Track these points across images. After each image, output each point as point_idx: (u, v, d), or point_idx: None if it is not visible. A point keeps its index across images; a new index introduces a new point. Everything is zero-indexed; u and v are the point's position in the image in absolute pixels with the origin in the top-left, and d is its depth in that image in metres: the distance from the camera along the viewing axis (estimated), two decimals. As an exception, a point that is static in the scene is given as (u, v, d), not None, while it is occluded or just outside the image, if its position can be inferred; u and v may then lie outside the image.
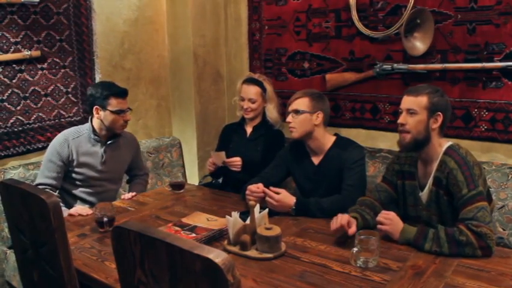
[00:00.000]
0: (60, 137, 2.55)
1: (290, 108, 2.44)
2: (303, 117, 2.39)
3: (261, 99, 2.89)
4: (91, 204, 2.51)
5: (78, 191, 2.59)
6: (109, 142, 2.61)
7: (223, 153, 2.76)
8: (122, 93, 2.54)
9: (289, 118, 2.43)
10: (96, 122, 2.56)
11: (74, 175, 2.56)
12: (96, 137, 2.57)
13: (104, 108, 2.50)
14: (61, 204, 2.34)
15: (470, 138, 2.68)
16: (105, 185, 2.66)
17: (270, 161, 2.67)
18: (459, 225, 1.80)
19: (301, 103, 2.41)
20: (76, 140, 2.55)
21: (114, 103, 2.50)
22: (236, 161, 2.74)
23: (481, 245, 1.75)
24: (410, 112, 1.97)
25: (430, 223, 1.99)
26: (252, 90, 2.86)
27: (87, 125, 2.60)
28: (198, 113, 3.69)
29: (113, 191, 2.75)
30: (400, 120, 2.00)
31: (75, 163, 2.54)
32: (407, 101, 2.00)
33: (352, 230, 1.90)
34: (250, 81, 2.91)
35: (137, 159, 2.87)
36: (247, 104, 2.86)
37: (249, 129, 2.97)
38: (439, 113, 1.96)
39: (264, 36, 3.54)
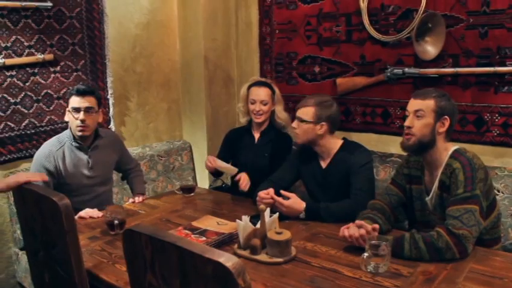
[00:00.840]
0: (44, 150, 2.45)
1: (296, 114, 2.45)
2: (306, 127, 2.41)
3: (271, 102, 2.86)
4: None
5: (72, 202, 2.47)
6: (90, 148, 2.52)
7: (235, 170, 2.71)
8: (79, 90, 2.41)
9: (294, 123, 2.46)
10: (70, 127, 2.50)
11: (64, 186, 2.45)
12: (76, 144, 2.49)
13: (68, 109, 2.44)
14: None
15: (482, 143, 2.66)
16: (97, 190, 2.57)
17: (277, 165, 2.67)
18: (438, 228, 1.80)
19: (306, 112, 2.41)
20: (59, 151, 2.45)
21: (72, 101, 2.40)
22: (244, 182, 2.63)
23: (460, 249, 1.75)
24: (418, 115, 1.97)
25: None
26: (264, 92, 2.82)
27: (67, 133, 2.52)
28: (208, 116, 3.70)
29: (106, 193, 2.67)
30: (407, 122, 2.01)
31: (63, 174, 2.45)
32: (415, 104, 2.00)
33: (373, 228, 1.87)
34: (260, 83, 2.88)
35: (124, 154, 2.79)
36: (259, 107, 2.80)
37: (256, 135, 2.92)
38: (446, 117, 1.96)
39: (275, 40, 3.55)
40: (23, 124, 2.87)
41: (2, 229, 2.82)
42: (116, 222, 2.14)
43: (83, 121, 2.39)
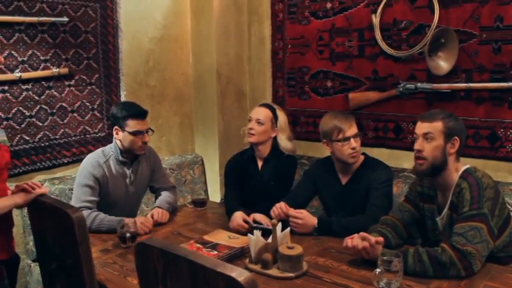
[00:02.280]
0: (91, 160, 2.48)
1: (352, 133, 2.37)
2: (361, 140, 2.44)
3: (270, 125, 2.69)
4: None
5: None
6: (133, 163, 2.57)
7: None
8: (140, 114, 2.48)
9: (354, 144, 2.36)
10: (118, 143, 2.52)
11: (105, 197, 2.49)
12: (123, 159, 2.53)
13: (122, 129, 2.46)
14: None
15: (496, 158, 2.63)
16: (131, 205, 2.62)
17: (284, 189, 2.66)
18: (443, 244, 1.78)
19: (356, 127, 2.42)
20: (107, 163, 2.50)
21: (132, 124, 2.44)
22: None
23: (465, 264, 1.73)
24: (427, 137, 1.96)
25: None
26: (262, 112, 2.70)
27: (112, 146, 2.55)
28: (220, 130, 3.71)
29: (136, 210, 2.72)
30: (417, 146, 1.99)
31: (108, 184, 2.49)
32: (423, 127, 1.99)
33: (376, 241, 1.86)
34: (262, 104, 2.80)
35: (157, 170, 2.75)
36: (253, 125, 2.67)
37: (260, 163, 2.78)
38: (456, 137, 1.95)
39: (287, 55, 3.56)
40: (38, 137, 2.91)
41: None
42: (128, 235, 2.14)
43: (146, 142, 2.50)
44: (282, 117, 2.76)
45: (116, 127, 2.49)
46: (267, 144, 2.74)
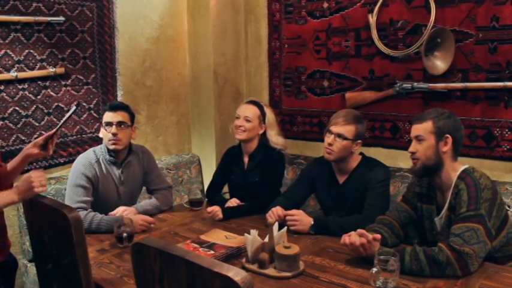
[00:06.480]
0: (82, 160, 2.50)
1: (334, 130, 2.36)
2: (345, 144, 2.36)
3: (258, 123, 2.75)
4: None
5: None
6: (123, 164, 2.57)
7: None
8: (112, 106, 2.52)
9: (330, 139, 2.35)
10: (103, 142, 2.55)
11: (96, 197, 2.49)
12: (111, 158, 2.53)
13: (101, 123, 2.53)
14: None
15: (492, 158, 2.64)
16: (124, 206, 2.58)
17: (269, 184, 2.70)
18: (440, 244, 1.79)
19: (347, 130, 2.36)
20: (98, 163, 2.51)
21: (105, 116, 2.50)
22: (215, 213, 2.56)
23: (461, 264, 1.74)
24: (419, 139, 1.99)
25: None
26: (250, 110, 2.75)
27: (102, 147, 2.56)
28: (217, 130, 3.71)
29: None
30: (410, 148, 2.02)
31: (99, 185, 2.49)
32: (414, 129, 2.02)
33: (374, 238, 1.86)
34: (249, 101, 2.84)
35: (152, 172, 2.74)
36: (241, 122, 2.72)
37: (246, 159, 2.84)
38: (447, 135, 1.95)
39: (284, 54, 3.56)
40: (34, 137, 2.89)
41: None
42: (125, 235, 2.14)
43: (114, 134, 2.45)
44: (269, 113, 2.81)
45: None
46: (254, 141, 2.79)
